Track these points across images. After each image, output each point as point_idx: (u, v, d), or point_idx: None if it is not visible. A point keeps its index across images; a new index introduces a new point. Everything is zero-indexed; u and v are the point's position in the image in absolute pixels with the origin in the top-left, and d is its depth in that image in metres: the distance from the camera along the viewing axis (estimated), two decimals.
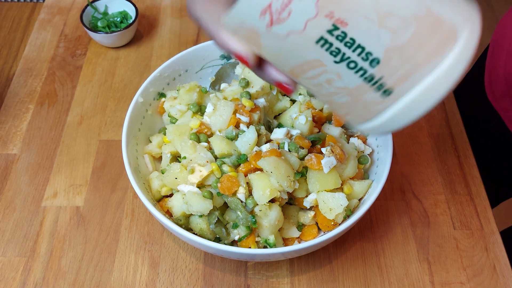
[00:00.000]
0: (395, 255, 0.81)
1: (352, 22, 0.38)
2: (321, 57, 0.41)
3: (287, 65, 0.44)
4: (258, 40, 0.41)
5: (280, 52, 0.42)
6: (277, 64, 0.45)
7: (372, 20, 0.38)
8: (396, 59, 0.40)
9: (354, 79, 0.41)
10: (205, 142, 0.78)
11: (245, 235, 0.72)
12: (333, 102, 0.46)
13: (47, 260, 0.79)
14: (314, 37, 0.39)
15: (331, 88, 0.43)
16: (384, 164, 0.76)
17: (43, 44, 1.10)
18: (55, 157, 0.92)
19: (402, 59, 0.40)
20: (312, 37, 0.39)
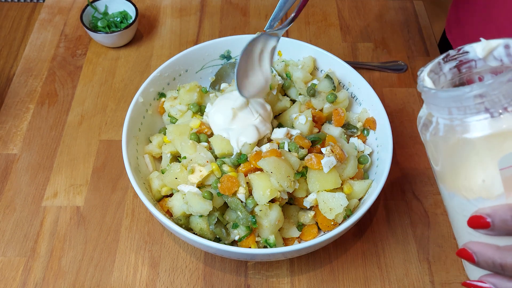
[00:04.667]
0: (395, 255, 0.81)
1: None
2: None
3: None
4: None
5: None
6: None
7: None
8: None
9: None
10: (205, 142, 0.78)
11: (245, 235, 0.72)
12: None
13: (47, 260, 0.79)
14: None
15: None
16: (384, 164, 0.76)
17: (43, 44, 1.10)
18: (56, 157, 0.92)
19: None
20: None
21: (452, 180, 0.47)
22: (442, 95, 0.43)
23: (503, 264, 0.44)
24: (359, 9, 1.20)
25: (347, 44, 1.13)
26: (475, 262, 0.46)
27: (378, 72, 1.07)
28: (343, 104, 0.86)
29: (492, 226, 0.44)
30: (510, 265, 0.44)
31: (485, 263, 0.46)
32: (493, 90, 0.41)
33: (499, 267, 0.45)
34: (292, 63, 0.92)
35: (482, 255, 0.46)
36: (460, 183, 0.46)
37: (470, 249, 0.46)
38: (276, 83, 0.86)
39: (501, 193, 0.43)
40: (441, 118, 0.45)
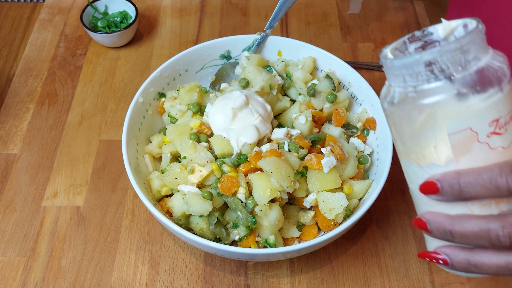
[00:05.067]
0: (395, 255, 0.81)
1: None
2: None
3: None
4: (470, 145, 0.45)
5: (480, 162, 0.45)
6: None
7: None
8: None
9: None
10: (205, 142, 0.78)
11: (245, 235, 0.72)
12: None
13: (47, 260, 0.79)
14: (510, 156, 0.45)
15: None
16: (384, 164, 0.76)
17: (43, 44, 1.10)
18: (56, 157, 0.92)
19: None
20: (509, 155, 0.45)
21: (407, 148, 0.50)
22: (396, 63, 0.45)
23: (452, 230, 0.46)
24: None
25: (347, 44, 1.13)
26: (428, 230, 0.48)
27: (378, 72, 1.07)
28: (343, 104, 0.86)
29: (440, 191, 0.46)
30: (459, 231, 0.46)
31: (437, 231, 0.48)
32: (441, 56, 0.43)
33: (449, 233, 0.46)
34: (292, 63, 0.92)
35: (434, 223, 0.48)
36: (414, 150, 0.48)
37: (423, 217, 0.49)
38: (276, 83, 0.86)
39: (451, 158, 0.46)
40: (397, 87, 0.47)
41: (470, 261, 0.47)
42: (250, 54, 0.89)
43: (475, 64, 0.44)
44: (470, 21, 0.47)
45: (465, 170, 0.45)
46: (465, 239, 0.46)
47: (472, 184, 0.44)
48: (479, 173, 0.44)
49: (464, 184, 0.45)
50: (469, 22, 0.47)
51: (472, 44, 0.43)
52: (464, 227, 0.46)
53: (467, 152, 0.45)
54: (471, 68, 0.44)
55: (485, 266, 0.46)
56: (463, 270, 0.48)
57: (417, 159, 0.49)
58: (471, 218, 0.46)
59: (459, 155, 0.45)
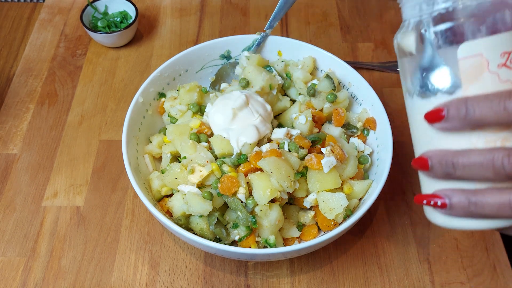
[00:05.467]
0: (395, 255, 0.81)
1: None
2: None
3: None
4: (480, 73, 0.44)
5: (490, 91, 0.44)
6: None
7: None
8: None
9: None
10: (205, 142, 0.78)
11: (245, 235, 0.72)
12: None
13: (47, 260, 0.79)
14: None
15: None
16: (384, 164, 0.76)
17: (43, 44, 1.10)
18: (55, 157, 0.92)
19: None
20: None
21: (415, 81, 0.49)
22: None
23: (455, 162, 0.45)
24: (359, 9, 1.20)
25: (347, 44, 1.13)
26: (428, 167, 0.47)
27: (378, 72, 1.07)
28: (343, 104, 0.86)
29: (447, 116, 0.45)
30: (462, 163, 0.44)
31: (438, 165, 0.46)
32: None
33: (451, 166, 0.45)
34: (292, 63, 0.92)
35: (436, 157, 0.46)
36: (422, 80, 0.48)
37: (425, 155, 0.48)
38: (276, 83, 0.86)
39: (459, 86, 0.45)
40: (412, 18, 0.48)
41: (470, 200, 0.45)
42: (250, 54, 0.89)
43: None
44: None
45: (473, 95, 0.44)
46: (468, 170, 0.44)
47: (479, 107, 0.43)
48: (488, 97, 0.43)
49: (470, 107, 0.43)
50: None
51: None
52: (468, 158, 0.44)
53: (476, 80, 0.44)
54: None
55: (486, 205, 0.44)
56: (462, 212, 0.46)
57: (423, 91, 0.48)
58: (474, 150, 0.44)
59: (468, 83, 0.45)
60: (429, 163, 0.47)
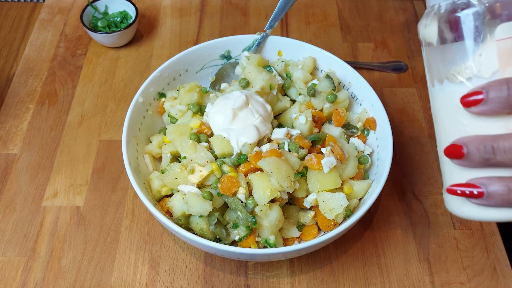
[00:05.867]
0: (395, 255, 0.81)
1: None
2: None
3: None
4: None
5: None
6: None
7: None
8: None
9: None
10: (205, 142, 0.78)
11: (245, 235, 0.72)
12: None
13: (47, 260, 0.79)
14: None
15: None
16: (384, 164, 0.76)
17: (43, 44, 1.10)
18: (55, 157, 0.92)
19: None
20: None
21: (447, 64, 0.47)
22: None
23: (495, 146, 0.43)
24: (359, 9, 1.20)
25: (347, 44, 1.13)
26: (463, 155, 0.44)
27: (378, 72, 1.07)
28: (343, 104, 0.86)
29: (485, 100, 0.43)
30: (502, 146, 0.42)
31: (476, 150, 0.44)
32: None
33: (490, 150, 0.43)
34: (292, 63, 0.92)
35: (473, 143, 0.44)
36: (455, 64, 0.46)
37: (459, 141, 0.45)
38: (276, 83, 0.86)
39: (496, 69, 0.43)
40: (443, 1, 0.45)
41: (510, 188, 0.43)
42: (250, 54, 0.89)
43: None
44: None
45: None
46: (509, 155, 0.42)
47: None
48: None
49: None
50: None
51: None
52: (508, 142, 0.42)
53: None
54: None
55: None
56: (499, 201, 0.44)
57: (458, 74, 0.45)
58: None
59: (506, 65, 0.43)
60: (464, 150, 0.44)
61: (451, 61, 0.46)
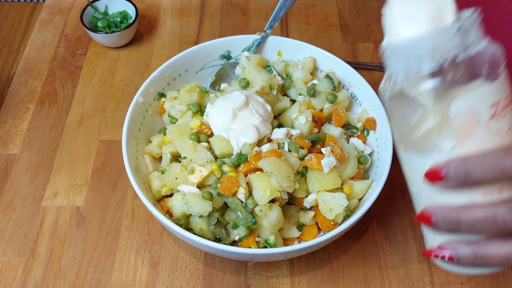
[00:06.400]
0: (395, 255, 0.81)
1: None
2: None
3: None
4: (473, 129, 0.45)
5: (483, 146, 0.45)
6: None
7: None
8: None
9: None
10: (205, 142, 0.78)
11: (245, 235, 0.72)
12: None
13: (47, 260, 0.79)
14: (509, 142, 0.45)
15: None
16: (384, 164, 0.76)
17: (43, 44, 1.10)
18: (55, 157, 0.92)
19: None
20: (508, 141, 0.45)
21: (407, 137, 0.49)
22: (400, 46, 0.46)
23: (458, 219, 0.46)
24: (359, 9, 1.20)
25: (347, 44, 1.13)
26: (432, 223, 0.47)
27: (378, 72, 1.07)
28: (343, 104, 0.86)
29: (446, 177, 0.45)
30: (466, 219, 0.45)
31: (443, 222, 0.47)
32: (442, 38, 0.44)
33: (455, 223, 0.46)
34: (292, 63, 0.92)
35: (440, 214, 0.47)
36: (416, 138, 0.48)
37: (428, 210, 0.48)
38: (276, 83, 0.86)
39: (454, 144, 0.46)
40: (399, 72, 0.47)
41: (476, 254, 0.46)
42: (250, 54, 0.89)
43: (475, 46, 0.44)
44: (469, 9, 0.47)
45: (469, 155, 0.45)
46: (472, 227, 0.45)
47: (478, 168, 0.44)
48: (485, 157, 0.44)
49: (469, 168, 0.44)
50: (467, 10, 0.47)
51: (472, 27, 0.44)
52: (471, 215, 0.45)
53: (470, 136, 0.45)
54: (472, 49, 0.44)
55: (492, 257, 0.46)
56: (469, 264, 0.47)
57: (418, 148, 0.49)
58: (476, 206, 0.45)
59: (462, 140, 0.45)
60: (433, 219, 0.47)
61: (411, 132, 0.49)
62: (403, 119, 0.49)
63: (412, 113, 0.47)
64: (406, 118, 0.49)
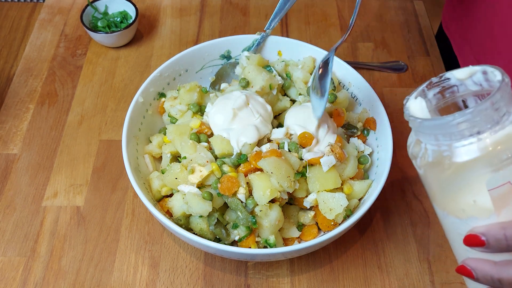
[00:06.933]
0: (395, 255, 0.81)
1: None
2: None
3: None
4: (511, 197, 0.45)
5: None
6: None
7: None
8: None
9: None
10: (205, 142, 0.78)
11: (245, 235, 0.72)
12: None
13: (47, 260, 0.79)
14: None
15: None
16: (384, 164, 0.76)
17: (43, 44, 1.10)
18: (56, 157, 0.92)
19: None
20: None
21: (444, 202, 0.50)
22: (427, 124, 0.46)
23: (500, 278, 0.47)
24: (359, 9, 1.20)
25: (347, 44, 1.13)
26: (474, 278, 0.49)
27: (378, 72, 1.07)
28: (343, 104, 0.86)
29: (487, 245, 0.47)
30: (507, 278, 0.47)
31: (484, 279, 0.49)
32: (474, 117, 0.43)
33: (497, 281, 0.48)
34: (292, 63, 0.92)
35: (481, 271, 0.49)
36: (452, 204, 0.49)
37: (468, 265, 0.50)
38: (276, 83, 0.86)
39: (492, 212, 0.46)
40: (429, 144, 0.47)
41: (493, 277, 0.48)
42: (250, 54, 0.89)
43: (507, 119, 0.44)
44: (492, 70, 0.46)
45: (508, 222, 0.46)
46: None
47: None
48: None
49: (510, 237, 0.45)
50: (490, 71, 0.46)
51: (502, 100, 0.43)
52: (511, 274, 0.47)
53: (508, 204, 0.45)
54: (504, 123, 0.44)
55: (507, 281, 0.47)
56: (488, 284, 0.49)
57: (456, 212, 0.49)
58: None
59: (501, 208, 0.46)
60: (474, 275, 0.49)
61: (447, 197, 0.49)
62: (439, 185, 0.49)
63: (447, 182, 0.47)
64: (443, 185, 0.48)
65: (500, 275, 0.47)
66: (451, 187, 0.47)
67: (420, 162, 0.49)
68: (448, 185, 0.48)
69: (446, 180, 0.47)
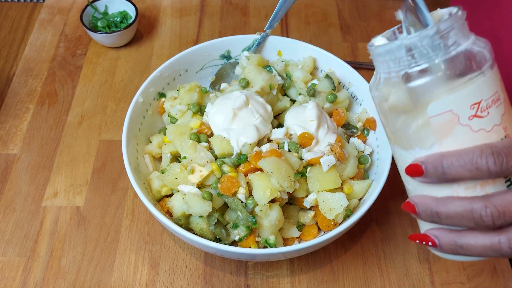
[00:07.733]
0: (395, 255, 0.81)
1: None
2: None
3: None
4: (452, 127, 0.46)
5: (462, 144, 0.46)
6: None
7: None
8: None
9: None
10: (205, 142, 0.78)
11: (245, 235, 0.72)
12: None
13: (47, 260, 0.79)
14: (493, 139, 0.46)
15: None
16: (384, 164, 0.76)
17: (43, 44, 1.10)
18: (55, 157, 0.92)
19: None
20: (491, 138, 0.46)
21: (393, 134, 0.51)
22: (379, 49, 0.47)
23: (438, 211, 0.48)
24: (359, 9, 1.20)
25: (347, 44, 1.13)
26: (416, 213, 0.50)
27: None
28: (343, 104, 0.86)
29: (425, 173, 0.48)
30: (444, 212, 0.47)
31: (424, 213, 0.49)
32: (421, 41, 0.44)
33: (436, 215, 0.48)
34: (292, 63, 0.92)
35: (421, 205, 0.49)
36: (399, 135, 0.50)
37: (412, 200, 0.51)
38: (276, 83, 0.86)
39: (434, 141, 0.47)
40: (382, 73, 0.49)
41: (457, 243, 0.48)
42: (250, 54, 0.89)
43: (454, 49, 0.45)
44: (454, 8, 0.48)
45: (447, 152, 0.46)
46: (451, 220, 0.47)
47: (454, 166, 0.46)
48: (461, 155, 0.45)
49: (446, 166, 0.46)
50: (453, 9, 0.48)
51: (451, 29, 0.45)
52: (449, 208, 0.47)
53: (449, 134, 0.46)
54: (450, 52, 0.45)
55: (471, 247, 0.47)
56: (450, 252, 0.49)
57: (402, 144, 0.50)
58: (455, 199, 0.47)
59: (442, 138, 0.47)
60: (416, 210, 0.50)
61: (398, 129, 0.50)
62: (390, 116, 0.50)
63: (393, 109, 0.49)
64: (393, 116, 0.50)
65: (439, 208, 0.47)
66: (399, 117, 0.49)
67: (374, 93, 0.51)
68: (397, 116, 0.49)
69: (394, 110, 0.48)
